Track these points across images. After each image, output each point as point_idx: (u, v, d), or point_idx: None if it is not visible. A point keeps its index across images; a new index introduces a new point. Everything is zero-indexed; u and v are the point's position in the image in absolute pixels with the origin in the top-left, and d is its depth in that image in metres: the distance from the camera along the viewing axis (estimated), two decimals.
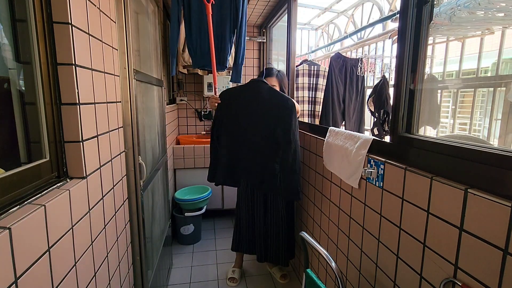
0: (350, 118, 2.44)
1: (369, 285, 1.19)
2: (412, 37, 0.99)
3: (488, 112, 1.65)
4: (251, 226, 2.01)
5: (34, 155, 0.74)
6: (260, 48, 3.39)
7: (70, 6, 0.76)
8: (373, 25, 2.32)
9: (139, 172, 1.28)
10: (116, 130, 1.10)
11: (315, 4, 3.21)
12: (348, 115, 2.42)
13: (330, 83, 2.35)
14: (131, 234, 1.27)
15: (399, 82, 1.03)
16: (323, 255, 1.08)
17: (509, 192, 0.65)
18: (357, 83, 2.41)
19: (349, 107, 2.42)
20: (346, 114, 2.42)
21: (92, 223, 0.88)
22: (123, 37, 1.16)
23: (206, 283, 2.09)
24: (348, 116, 2.42)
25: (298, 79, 2.72)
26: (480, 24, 1.37)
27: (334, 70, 2.36)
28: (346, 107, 2.41)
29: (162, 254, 1.87)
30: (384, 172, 1.06)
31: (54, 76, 0.76)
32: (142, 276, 1.34)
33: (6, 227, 0.52)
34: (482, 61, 1.59)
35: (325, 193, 1.61)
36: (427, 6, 0.96)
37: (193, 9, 1.86)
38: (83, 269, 0.82)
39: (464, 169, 0.77)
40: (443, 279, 0.80)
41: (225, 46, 1.92)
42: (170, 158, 2.64)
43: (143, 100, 1.49)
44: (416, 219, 0.91)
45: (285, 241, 1.95)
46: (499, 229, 0.65)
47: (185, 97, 3.29)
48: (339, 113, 2.40)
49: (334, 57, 2.39)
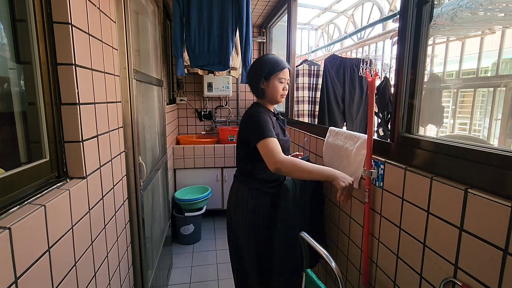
0: (353, 119, 2.43)
1: (369, 284, 1.19)
2: (412, 37, 0.99)
3: (488, 112, 1.65)
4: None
5: (34, 155, 0.74)
6: (260, 48, 3.39)
7: (70, 6, 0.76)
8: (373, 25, 2.32)
9: (139, 172, 1.28)
10: (116, 130, 1.10)
11: (315, 4, 3.21)
12: (349, 115, 2.42)
13: (325, 84, 2.36)
14: (131, 234, 1.27)
15: (399, 82, 1.03)
16: (323, 255, 1.08)
17: (509, 192, 0.65)
18: (360, 83, 2.41)
19: (350, 107, 2.41)
20: (347, 114, 2.41)
21: (92, 223, 0.88)
22: (123, 37, 1.16)
23: (206, 283, 2.09)
24: (350, 116, 2.42)
25: (298, 79, 2.72)
26: (481, 24, 1.37)
27: (329, 71, 2.37)
28: (347, 106, 2.40)
29: (162, 254, 1.87)
30: (384, 172, 1.06)
31: (54, 76, 0.76)
32: (142, 276, 1.34)
33: (6, 227, 0.52)
34: (482, 61, 1.59)
35: (325, 193, 1.61)
36: (427, 6, 0.96)
37: (193, 7, 1.85)
38: (83, 269, 0.82)
39: (464, 169, 0.77)
40: (443, 279, 0.80)
41: (227, 46, 1.92)
42: (170, 158, 2.64)
43: (143, 100, 1.49)
44: (416, 219, 0.91)
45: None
46: (499, 229, 0.65)
47: (185, 97, 3.29)
48: (338, 113, 2.39)
49: (329, 58, 2.41)
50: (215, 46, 1.93)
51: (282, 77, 1.35)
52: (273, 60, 1.37)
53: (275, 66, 1.35)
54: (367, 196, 1.13)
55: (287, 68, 1.38)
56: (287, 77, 1.38)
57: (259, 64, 1.39)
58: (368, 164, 1.12)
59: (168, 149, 2.43)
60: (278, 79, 1.35)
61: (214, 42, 1.92)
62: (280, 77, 1.35)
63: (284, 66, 1.37)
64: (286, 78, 1.38)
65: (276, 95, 1.38)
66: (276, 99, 1.40)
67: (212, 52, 1.94)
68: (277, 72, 1.35)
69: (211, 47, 1.93)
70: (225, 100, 3.44)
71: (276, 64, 1.36)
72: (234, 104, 3.46)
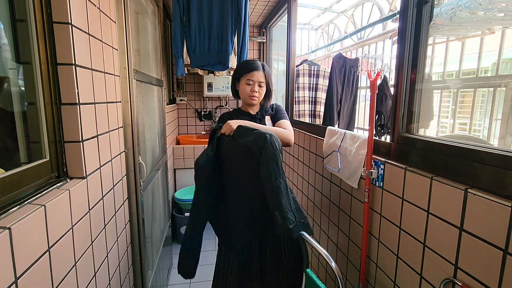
0: (344, 117, 2.44)
1: (369, 285, 1.19)
2: (412, 37, 0.99)
3: (488, 112, 1.65)
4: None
5: (34, 155, 0.74)
6: (260, 48, 3.39)
7: (70, 6, 0.76)
8: (373, 25, 2.32)
9: (139, 172, 1.28)
10: (116, 130, 1.10)
11: (315, 4, 3.21)
12: (342, 114, 2.43)
13: (332, 83, 2.35)
14: (131, 234, 1.27)
15: (399, 82, 1.03)
16: (323, 255, 1.08)
17: (509, 192, 0.65)
18: (352, 83, 2.41)
19: (344, 106, 2.42)
20: (341, 113, 2.42)
21: (92, 223, 0.88)
22: (123, 37, 1.16)
23: (206, 283, 2.09)
24: (342, 115, 2.43)
25: (299, 79, 2.72)
26: (480, 24, 1.37)
27: (335, 71, 2.36)
28: (342, 107, 2.41)
29: (162, 254, 1.87)
30: (384, 172, 1.06)
31: (54, 76, 0.76)
32: (142, 276, 1.34)
33: (6, 227, 0.52)
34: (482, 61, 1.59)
35: (325, 193, 1.61)
36: (427, 6, 0.96)
37: (193, 7, 1.85)
38: (83, 269, 0.82)
39: (464, 169, 0.77)
40: (443, 279, 0.80)
41: (226, 46, 1.91)
42: (170, 158, 2.64)
43: (143, 100, 1.49)
44: (416, 219, 0.91)
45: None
46: (499, 229, 0.65)
47: (185, 97, 3.29)
48: (335, 113, 2.40)
49: (336, 57, 2.39)
50: (215, 46, 1.93)
51: (249, 78, 1.40)
52: (244, 63, 1.46)
53: (243, 68, 1.42)
54: (366, 196, 1.13)
55: (258, 71, 1.40)
56: (256, 79, 1.40)
57: (236, 67, 1.49)
58: (368, 164, 1.12)
59: (168, 149, 2.43)
60: (246, 80, 1.40)
61: (214, 42, 1.92)
62: (247, 78, 1.40)
63: (252, 68, 1.40)
64: (256, 80, 1.40)
65: (245, 96, 1.43)
66: (244, 100, 1.45)
67: (212, 52, 1.94)
68: (245, 74, 1.40)
69: (211, 47, 1.93)
70: (225, 100, 3.44)
71: (244, 66, 1.43)
72: (234, 104, 3.46)
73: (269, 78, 1.45)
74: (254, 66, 1.40)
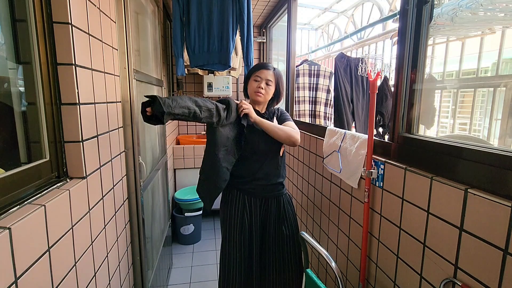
0: (360, 118, 2.41)
1: (369, 285, 1.19)
2: (412, 37, 0.99)
3: (488, 112, 1.65)
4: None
5: (34, 155, 0.74)
6: (260, 48, 3.39)
7: (70, 6, 0.76)
8: (373, 25, 2.32)
9: (139, 172, 1.28)
10: (116, 130, 1.10)
11: (315, 4, 3.21)
12: (357, 115, 2.39)
13: (338, 83, 2.32)
14: (131, 234, 1.27)
15: (399, 82, 1.03)
16: (323, 255, 1.08)
17: (509, 192, 0.65)
18: (362, 82, 2.39)
19: (357, 106, 2.39)
20: (355, 114, 2.39)
21: (92, 223, 0.88)
22: (123, 37, 1.16)
23: (206, 283, 2.09)
24: (358, 116, 2.39)
25: (299, 79, 2.72)
26: (481, 24, 1.37)
27: (340, 70, 2.33)
28: (355, 106, 2.38)
29: (162, 254, 1.87)
30: (384, 172, 1.06)
31: (54, 76, 0.76)
32: (142, 276, 1.34)
33: (6, 227, 0.52)
34: (482, 61, 1.59)
35: (325, 193, 1.61)
36: (427, 6, 0.96)
37: (192, 7, 1.85)
38: (83, 269, 0.82)
39: (464, 169, 0.77)
40: (443, 279, 0.80)
41: (227, 46, 1.91)
42: (170, 158, 2.64)
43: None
44: (416, 219, 0.91)
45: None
46: (499, 229, 0.65)
47: None
48: (349, 114, 2.36)
49: (338, 57, 2.38)
50: (215, 46, 1.93)
51: (257, 75, 1.45)
52: (256, 64, 1.54)
53: (254, 67, 1.51)
54: (366, 196, 1.13)
55: (268, 70, 1.45)
56: (264, 76, 1.44)
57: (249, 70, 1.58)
58: (369, 164, 1.12)
59: (168, 149, 2.43)
60: (254, 77, 1.46)
61: (214, 42, 1.92)
62: (256, 75, 1.46)
63: (262, 67, 1.47)
64: (263, 77, 1.44)
65: (251, 92, 1.48)
66: (251, 96, 1.49)
67: (212, 51, 1.94)
68: (254, 72, 1.47)
69: (211, 47, 1.93)
70: None
71: (256, 65, 1.51)
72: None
73: (279, 79, 1.48)
74: (264, 65, 1.47)
